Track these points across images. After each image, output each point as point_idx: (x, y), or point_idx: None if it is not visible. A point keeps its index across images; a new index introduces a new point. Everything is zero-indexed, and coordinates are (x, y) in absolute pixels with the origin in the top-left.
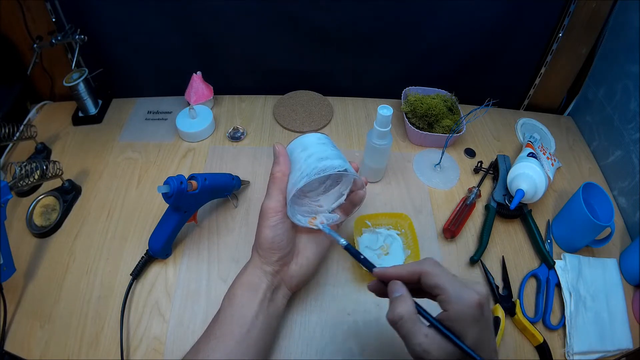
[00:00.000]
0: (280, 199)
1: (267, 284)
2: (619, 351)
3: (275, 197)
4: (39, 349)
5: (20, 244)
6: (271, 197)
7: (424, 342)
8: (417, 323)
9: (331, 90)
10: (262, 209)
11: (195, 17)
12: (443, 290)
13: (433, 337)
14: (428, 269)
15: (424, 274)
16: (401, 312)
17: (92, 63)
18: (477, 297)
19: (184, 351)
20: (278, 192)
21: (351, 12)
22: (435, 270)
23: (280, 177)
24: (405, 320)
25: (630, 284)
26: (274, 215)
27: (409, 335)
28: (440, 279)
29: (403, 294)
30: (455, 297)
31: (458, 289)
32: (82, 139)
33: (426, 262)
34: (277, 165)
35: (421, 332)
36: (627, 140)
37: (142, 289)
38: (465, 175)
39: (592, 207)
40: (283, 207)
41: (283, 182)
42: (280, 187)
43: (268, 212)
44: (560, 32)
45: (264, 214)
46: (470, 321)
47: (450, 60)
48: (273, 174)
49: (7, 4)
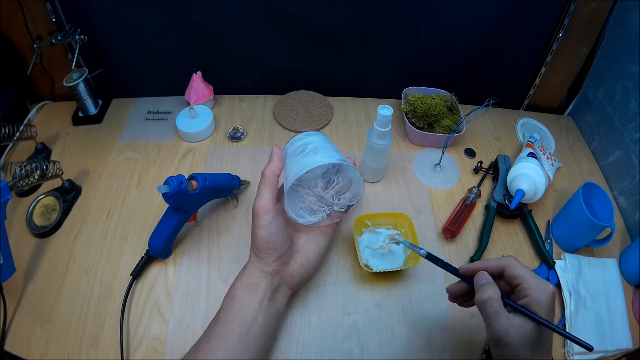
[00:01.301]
0: (270, 197)
1: (267, 284)
2: (619, 351)
3: (265, 195)
4: (39, 349)
5: (20, 244)
6: (261, 196)
7: (505, 323)
8: (501, 306)
9: (331, 90)
10: (254, 209)
11: (195, 17)
12: (524, 280)
13: (513, 319)
14: (511, 262)
15: (508, 267)
16: (490, 294)
17: (92, 63)
18: (552, 287)
19: (184, 351)
20: (268, 191)
21: (351, 12)
22: (517, 264)
23: (270, 175)
24: (493, 302)
25: (630, 284)
26: (265, 214)
27: (494, 315)
28: (522, 271)
29: (490, 281)
30: (536, 286)
31: (536, 279)
32: (82, 139)
33: (508, 257)
34: (269, 164)
35: (504, 314)
36: (627, 140)
37: (142, 289)
38: (465, 175)
39: (592, 207)
40: (273, 206)
41: (272, 181)
42: (270, 185)
43: (259, 211)
44: (560, 32)
45: (256, 214)
46: (545, 307)
47: (450, 60)
48: (263, 173)
49: (7, 4)
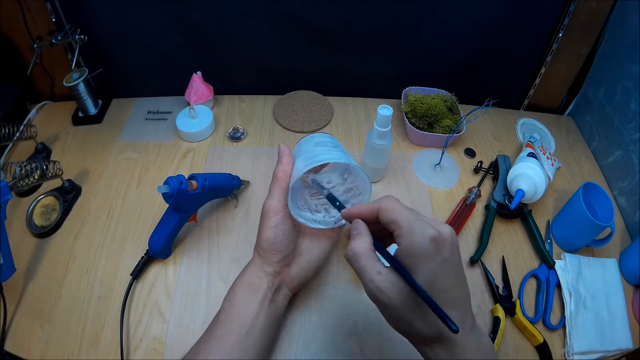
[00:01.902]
0: (281, 199)
1: (267, 285)
2: (619, 351)
3: (276, 196)
4: (39, 349)
5: (20, 244)
6: (272, 196)
7: (377, 279)
8: (372, 259)
9: (331, 90)
10: (264, 208)
11: (195, 17)
12: (397, 225)
13: (387, 275)
14: (385, 205)
15: (382, 211)
16: (355, 248)
17: (92, 63)
18: (432, 231)
19: (184, 351)
20: (279, 192)
21: (351, 12)
22: (392, 205)
23: (282, 176)
24: (360, 256)
25: (630, 284)
26: (274, 215)
27: (362, 271)
28: (396, 215)
29: (360, 231)
30: (407, 231)
31: (412, 222)
32: (82, 139)
33: (384, 199)
34: (280, 164)
35: (374, 269)
36: (627, 140)
37: (142, 289)
38: (465, 175)
39: (592, 207)
40: (284, 207)
41: (284, 182)
42: (282, 186)
43: (269, 212)
44: (560, 32)
45: (265, 214)
46: (421, 256)
47: (450, 60)
48: (275, 173)
49: (7, 4)
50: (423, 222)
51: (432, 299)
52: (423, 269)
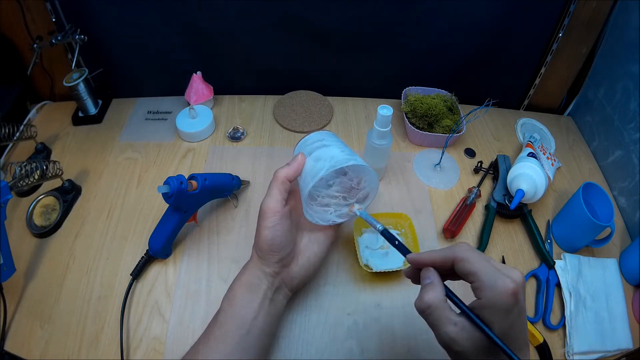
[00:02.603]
0: (279, 199)
1: (267, 285)
2: (619, 351)
3: (274, 196)
4: (39, 349)
5: (20, 244)
6: (271, 196)
7: (452, 331)
8: (446, 311)
9: (331, 90)
10: (261, 208)
11: (195, 17)
12: (476, 278)
13: (462, 326)
14: (461, 254)
15: (457, 261)
16: (429, 300)
17: (92, 63)
18: (512, 285)
19: (184, 351)
20: (277, 192)
21: (351, 12)
22: (468, 255)
23: (282, 178)
24: (434, 309)
25: (630, 284)
26: (272, 216)
27: (437, 323)
28: (474, 266)
29: (433, 281)
30: (489, 285)
31: (492, 276)
32: (82, 139)
33: (460, 248)
34: (286, 167)
35: (450, 321)
36: (627, 140)
37: (142, 289)
38: (465, 175)
39: (592, 207)
40: (282, 207)
41: (284, 184)
42: (280, 187)
43: (267, 212)
44: (560, 32)
45: (263, 214)
46: (502, 310)
47: (450, 60)
48: (276, 173)
49: (7, 4)
50: (502, 275)
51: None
52: (503, 322)
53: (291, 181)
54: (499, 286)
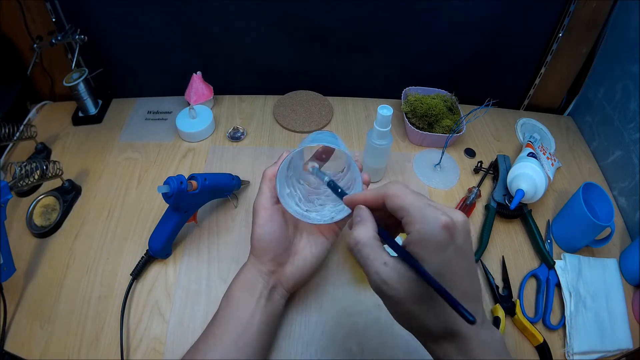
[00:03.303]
0: (269, 197)
1: (262, 284)
2: (619, 351)
3: (264, 194)
4: (39, 349)
5: (20, 244)
6: (261, 194)
7: (383, 271)
8: (376, 249)
9: (331, 90)
10: (253, 206)
11: (195, 17)
12: (406, 212)
13: (394, 266)
14: (391, 191)
15: (388, 197)
16: (357, 236)
17: (92, 63)
18: (444, 218)
19: (184, 351)
20: (267, 190)
21: (351, 12)
22: (400, 191)
23: (270, 176)
24: (363, 245)
25: (630, 284)
26: (263, 212)
27: (365, 261)
28: (404, 200)
29: (364, 218)
30: (418, 218)
31: (422, 209)
32: (82, 139)
33: (391, 184)
34: (273, 165)
35: (380, 259)
36: (627, 140)
37: (142, 289)
38: (465, 175)
39: (592, 207)
40: (272, 205)
41: (272, 181)
42: (269, 185)
43: (257, 210)
44: (560, 32)
45: (254, 212)
46: (433, 244)
47: (450, 60)
48: (264, 172)
49: (7, 4)
50: (434, 208)
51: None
52: (434, 258)
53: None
54: (428, 218)
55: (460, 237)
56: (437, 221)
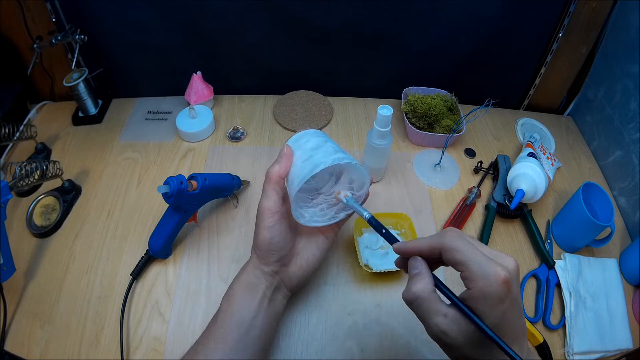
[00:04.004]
0: (276, 199)
1: (266, 285)
2: (619, 351)
3: (271, 196)
4: (39, 349)
5: (20, 244)
6: (268, 196)
7: (442, 323)
8: (435, 302)
9: (331, 90)
10: (259, 208)
11: (195, 17)
12: (465, 267)
13: (453, 317)
14: (449, 244)
15: (445, 250)
16: (417, 291)
17: (92, 63)
18: (504, 273)
19: (184, 351)
20: (274, 192)
21: (351, 12)
22: (456, 244)
23: (275, 177)
24: (422, 300)
25: (630, 284)
26: (270, 216)
27: (426, 315)
28: (462, 255)
29: (420, 272)
30: (479, 274)
31: (482, 264)
32: (82, 139)
33: (447, 235)
34: (277, 165)
35: (439, 312)
36: (627, 140)
37: (142, 289)
38: (465, 175)
39: (592, 207)
40: (280, 207)
41: (279, 183)
42: (275, 187)
43: (265, 212)
44: (560, 32)
45: (261, 214)
46: (494, 300)
47: (451, 60)
48: (269, 173)
49: (7, 4)
50: (493, 263)
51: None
52: (494, 312)
53: (284, 178)
54: (489, 275)
55: (515, 287)
56: (498, 278)
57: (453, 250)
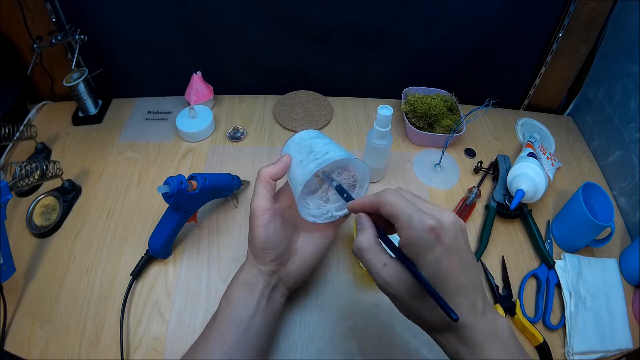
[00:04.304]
0: (267, 197)
1: (263, 284)
2: (619, 351)
3: (262, 194)
4: (39, 349)
5: (20, 244)
6: (259, 195)
7: (383, 271)
8: (377, 252)
9: (331, 90)
10: (251, 208)
11: (195, 17)
12: (397, 219)
13: (392, 266)
14: (384, 198)
15: (381, 205)
16: (360, 243)
17: (92, 63)
18: (430, 221)
19: (184, 351)
20: (265, 191)
21: (351, 12)
22: (391, 198)
23: (266, 177)
24: (365, 251)
25: (630, 284)
26: (263, 214)
27: (369, 265)
28: (395, 208)
29: (363, 225)
30: (407, 223)
31: (410, 214)
32: (82, 139)
33: (385, 192)
34: (271, 166)
35: (380, 261)
36: (627, 140)
37: (142, 289)
38: (465, 175)
39: (592, 207)
40: (271, 205)
41: (269, 182)
42: (267, 186)
43: (257, 211)
44: (560, 32)
45: (253, 213)
46: (422, 247)
47: (451, 60)
48: (260, 172)
49: (7, 4)
50: (422, 213)
51: (434, 288)
52: (425, 259)
53: (275, 180)
54: (415, 223)
55: (448, 236)
56: (424, 226)
57: (387, 204)
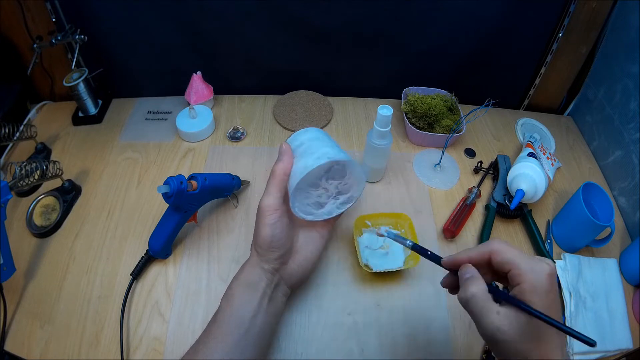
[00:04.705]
0: (278, 197)
1: (266, 282)
2: (619, 351)
3: (273, 194)
4: (39, 349)
5: (20, 244)
6: (269, 194)
7: (496, 319)
8: (489, 301)
9: (331, 90)
10: (260, 206)
11: (195, 17)
12: (514, 265)
13: (505, 313)
14: (497, 247)
15: (494, 252)
16: (473, 291)
17: (92, 63)
18: (548, 267)
19: (184, 351)
20: (276, 190)
21: (351, 12)
22: (503, 247)
23: (281, 174)
24: (477, 299)
25: (630, 284)
26: (272, 214)
27: (481, 313)
28: (510, 254)
29: (473, 275)
30: (528, 269)
31: (529, 261)
32: (82, 139)
33: (493, 242)
34: (280, 162)
35: (493, 310)
36: (627, 140)
37: (142, 289)
38: (465, 175)
39: (592, 207)
40: (281, 205)
41: (282, 180)
42: (280, 185)
43: (266, 210)
44: (560, 32)
45: (262, 212)
46: (542, 292)
47: (451, 60)
48: (274, 171)
49: (7, 4)
50: (537, 261)
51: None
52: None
53: (288, 174)
54: (536, 269)
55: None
56: (543, 272)
57: (502, 251)
